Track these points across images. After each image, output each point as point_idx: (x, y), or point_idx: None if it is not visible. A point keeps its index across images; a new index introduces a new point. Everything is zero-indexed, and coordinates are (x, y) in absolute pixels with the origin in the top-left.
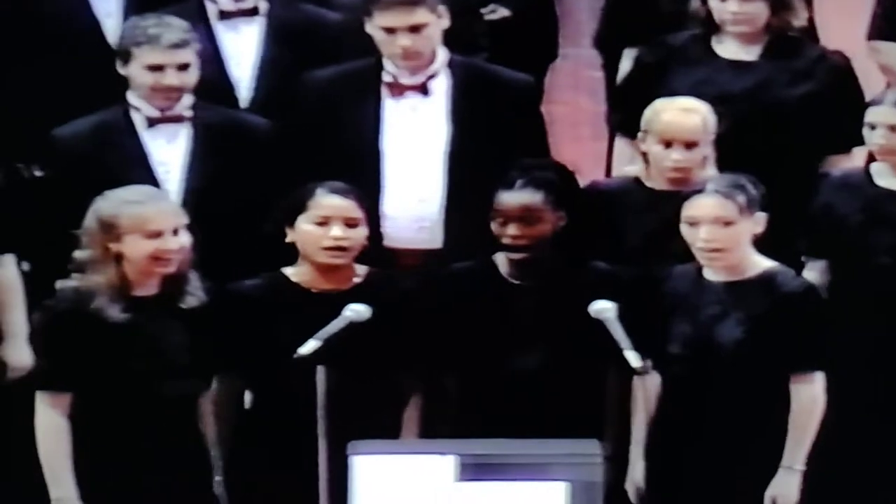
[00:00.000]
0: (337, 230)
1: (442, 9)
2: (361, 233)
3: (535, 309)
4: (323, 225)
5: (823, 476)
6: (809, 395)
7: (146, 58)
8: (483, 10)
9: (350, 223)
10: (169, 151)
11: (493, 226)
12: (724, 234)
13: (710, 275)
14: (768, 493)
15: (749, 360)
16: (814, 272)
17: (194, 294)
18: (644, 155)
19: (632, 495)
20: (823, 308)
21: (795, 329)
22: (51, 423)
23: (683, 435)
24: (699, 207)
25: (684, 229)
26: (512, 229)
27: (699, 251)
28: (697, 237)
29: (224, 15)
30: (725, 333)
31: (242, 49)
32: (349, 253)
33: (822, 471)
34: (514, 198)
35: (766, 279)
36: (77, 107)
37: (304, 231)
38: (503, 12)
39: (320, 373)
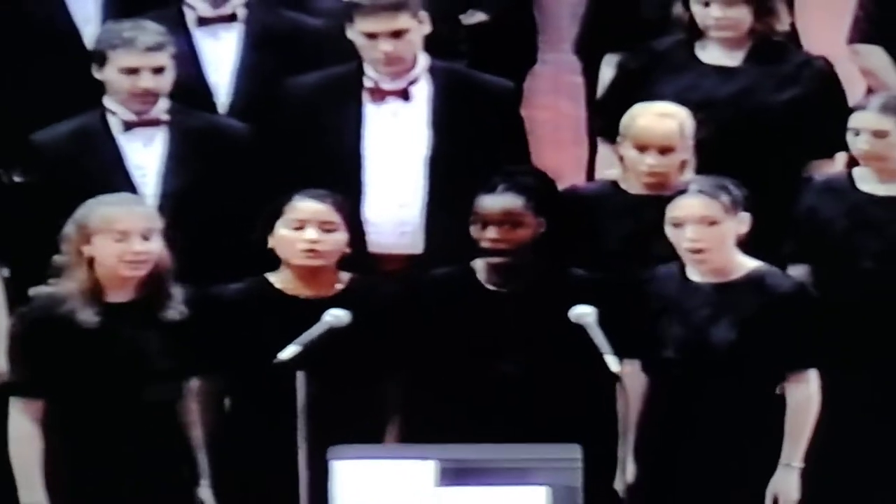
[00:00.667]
0: (311, 233)
1: (423, 14)
2: (339, 237)
3: (514, 315)
4: (299, 229)
5: (821, 474)
6: (805, 394)
7: (121, 61)
8: (462, 16)
9: (326, 227)
10: (145, 155)
11: (473, 230)
12: (709, 234)
13: (696, 276)
14: (769, 491)
15: (744, 362)
16: (801, 271)
17: (175, 308)
18: (622, 159)
19: (622, 495)
20: (816, 306)
21: (789, 329)
22: (22, 430)
23: (678, 436)
24: (684, 208)
25: (669, 231)
26: (492, 233)
27: (685, 252)
28: (683, 237)
29: (202, 21)
30: (719, 336)
31: (221, 55)
32: (325, 257)
33: (820, 468)
34: (494, 202)
35: (754, 280)
36: (55, 112)
37: (280, 236)
38: (481, 17)
39: (300, 378)
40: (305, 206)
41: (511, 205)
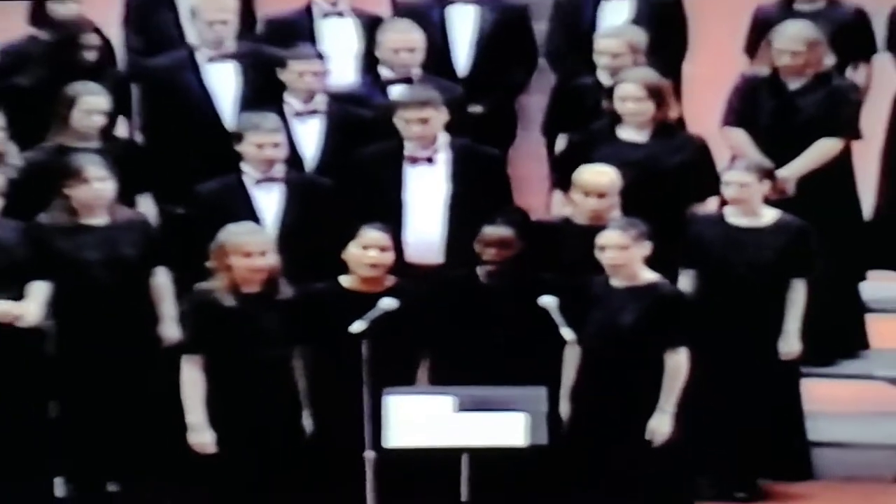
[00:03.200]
0: (373, 253)
1: (442, 108)
2: (390, 255)
3: (502, 302)
4: (365, 249)
5: (686, 417)
6: (677, 362)
7: (253, 139)
8: (469, 108)
9: (383, 249)
10: (268, 200)
11: (477, 247)
12: (622, 256)
13: (615, 282)
14: (649, 427)
15: (640, 339)
16: (687, 279)
17: (284, 291)
18: (573, 202)
19: (564, 418)
20: (688, 306)
21: (670, 319)
22: (191, 376)
23: (597, 385)
24: (606, 238)
25: (597, 252)
26: (490, 251)
27: (607, 266)
28: (605, 257)
29: (297, 114)
30: (625, 321)
31: (310, 135)
32: (380, 269)
33: (686, 413)
34: (494, 231)
35: (651, 286)
36: (210, 169)
37: (352, 253)
38: (480, 109)
39: (365, 343)
40: (370, 235)
41: (504, 234)
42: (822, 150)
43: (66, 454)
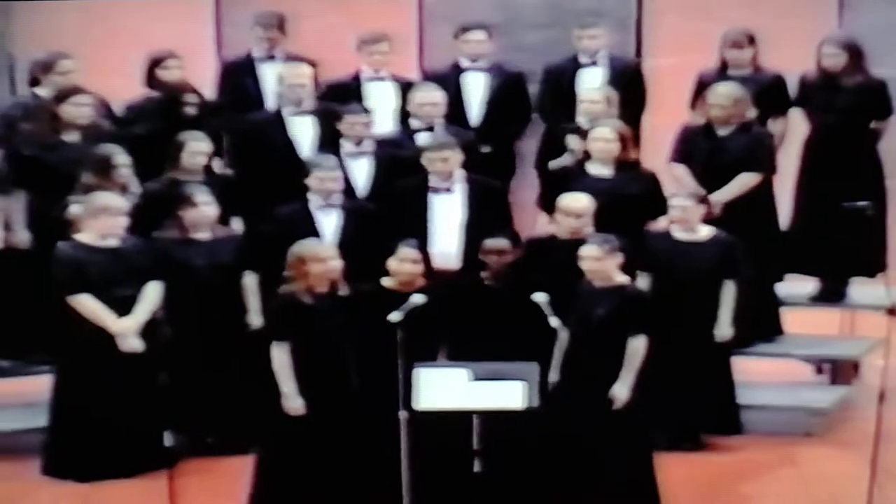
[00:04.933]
0: (408, 264)
1: (458, 150)
2: (420, 266)
3: (502, 299)
4: (402, 262)
5: (646, 386)
6: (636, 345)
7: (317, 174)
8: (479, 147)
9: (415, 261)
10: (328, 221)
11: (482, 256)
12: (598, 265)
13: (594, 284)
14: (611, 393)
15: (609, 327)
16: (644, 280)
17: (342, 291)
18: (556, 221)
19: (550, 387)
20: (647, 302)
21: (633, 312)
22: (280, 358)
23: (578, 363)
24: (586, 251)
25: (580, 261)
26: (493, 258)
27: (587, 272)
28: (585, 266)
29: (351, 155)
30: (599, 313)
31: (359, 171)
32: (415, 276)
33: (645, 383)
34: (492, 243)
35: (621, 287)
36: (285, 197)
37: (392, 266)
38: (487, 149)
39: (399, 330)
40: (406, 251)
41: (501, 245)
42: (744, 181)
43: (174, 413)
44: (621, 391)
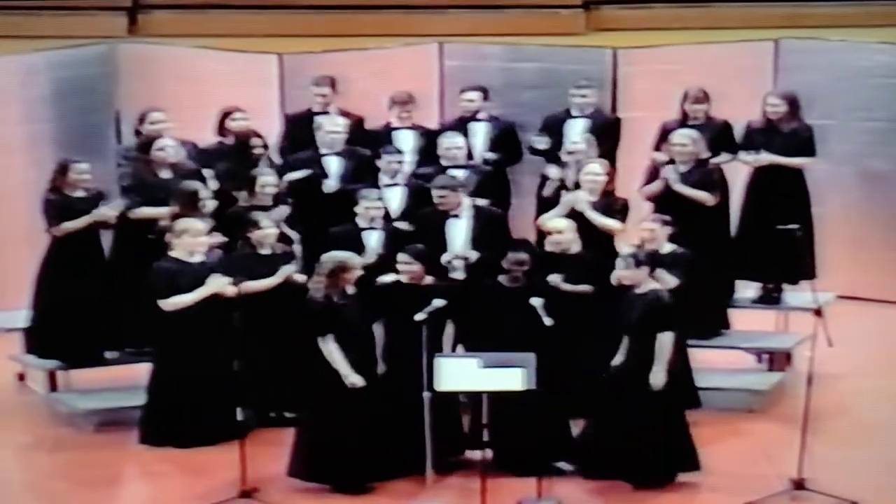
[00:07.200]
0: (404, 267)
1: (456, 189)
2: (419, 266)
3: (515, 299)
4: (401, 264)
5: (674, 373)
6: (664, 340)
7: (364, 203)
8: (485, 178)
9: (409, 263)
10: (371, 239)
11: (505, 264)
12: (629, 276)
13: (633, 291)
14: (650, 380)
15: (642, 326)
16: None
17: (352, 292)
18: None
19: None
20: (671, 305)
21: (660, 313)
22: (329, 347)
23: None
24: (618, 271)
25: (616, 279)
26: (514, 267)
27: (624, 282)
28: (618, 278)
29: (387, 185)
30: (633, 314)
31: (394, 199)
32: (415, 273)
33: (673, 370)
34: (516, 255)
35: (651, 291)
36: (336, 220)
37: (398, 266)
38: (491, 163)
39: (424, 328)
40: (402, 256)
41: (522, 257)
42: (702, 197)
43: (245, 393)
44: (657, 377)
